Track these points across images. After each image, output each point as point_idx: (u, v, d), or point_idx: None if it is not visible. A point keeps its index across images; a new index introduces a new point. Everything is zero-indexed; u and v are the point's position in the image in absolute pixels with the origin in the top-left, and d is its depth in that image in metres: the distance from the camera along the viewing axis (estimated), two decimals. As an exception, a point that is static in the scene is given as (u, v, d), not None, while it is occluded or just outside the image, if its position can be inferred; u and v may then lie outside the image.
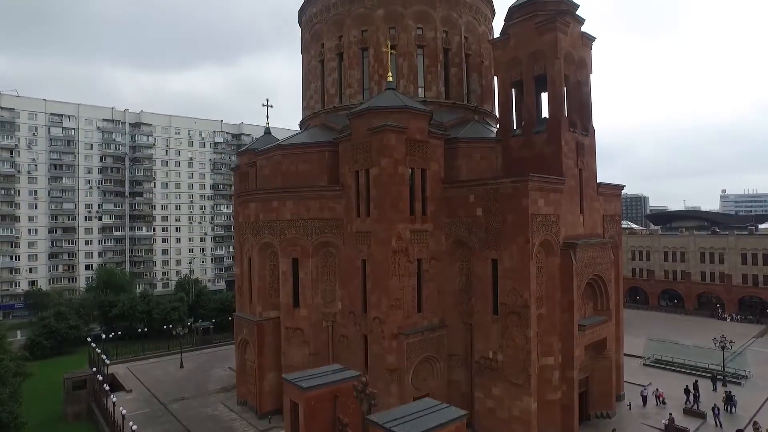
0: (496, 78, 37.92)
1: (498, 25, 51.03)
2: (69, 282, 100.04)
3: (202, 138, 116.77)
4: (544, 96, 36.60)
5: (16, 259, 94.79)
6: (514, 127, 36.87)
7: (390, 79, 36.16)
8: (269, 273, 37.94)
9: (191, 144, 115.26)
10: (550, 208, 31.48)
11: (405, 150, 32.32)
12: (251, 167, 44.99)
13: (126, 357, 56.97)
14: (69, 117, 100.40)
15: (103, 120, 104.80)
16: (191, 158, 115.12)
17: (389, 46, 37.27)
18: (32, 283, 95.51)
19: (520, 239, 30.19)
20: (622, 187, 40.88)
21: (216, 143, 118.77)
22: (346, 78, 41.42)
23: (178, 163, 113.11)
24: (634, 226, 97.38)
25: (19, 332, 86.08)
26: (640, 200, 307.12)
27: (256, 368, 37.14)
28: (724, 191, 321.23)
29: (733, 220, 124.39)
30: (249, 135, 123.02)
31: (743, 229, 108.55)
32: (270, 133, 50.78)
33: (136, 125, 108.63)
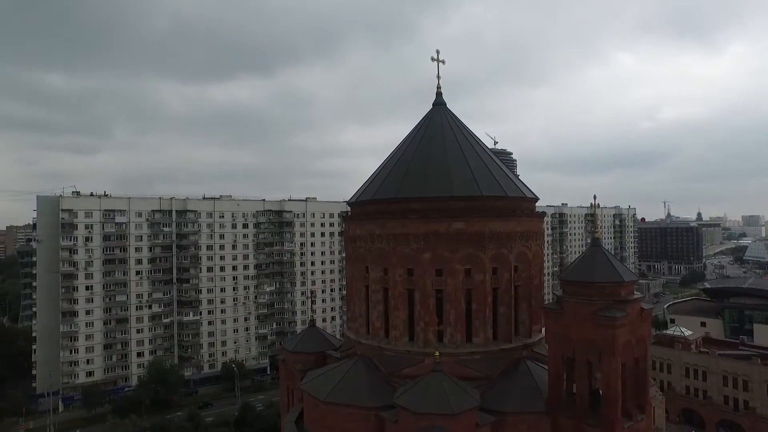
0: (548, 345, 36.50)
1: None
2: (122, 370, 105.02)
3: (245, 219, 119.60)
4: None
5: (75, 353, 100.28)
6: (564, 396, 35.49)
7: (437, 355, 35.61)
8: None
9: (234, 226, 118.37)
10: None
11: (454, 456, 31.67)
12: (299, 371, 45.76)
13: None
14: (121, 212, 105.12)
15: (152, 211, 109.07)
16: (235, 240, 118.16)
17: (438, 322, 36.64)
18: (89, 373, 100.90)
19: None
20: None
21: (259, 223, 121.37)
22: (392, 318, 41.00)
23: (222, 247, 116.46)
24: (686, 332, 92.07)
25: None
26: (692, 233, 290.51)
27: None
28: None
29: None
30: (290, 212, 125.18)
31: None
32: (314, 325, 51.32)
33: (181, 213, 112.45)
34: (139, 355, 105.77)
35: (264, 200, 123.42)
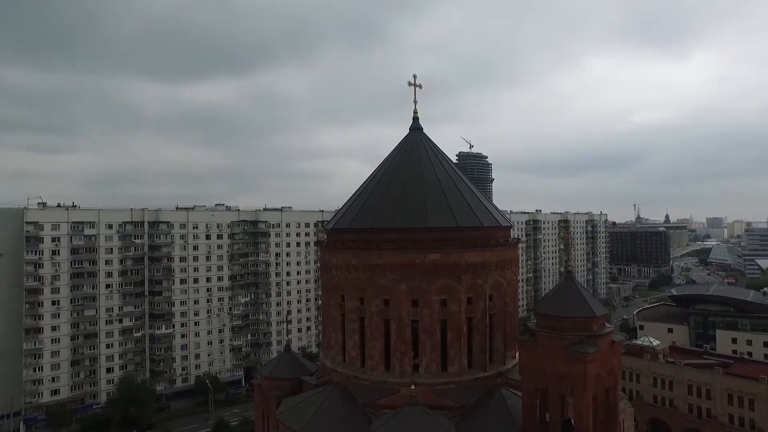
0: (522, 377, 37.06)
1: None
2: (90, 387, 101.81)
3: (220, 230, 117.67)
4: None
5: (39, 370, 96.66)
6: (537, 425, 36.10)
7: (413, 388, 35.71)
8: None
9: (209, 237, 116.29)
10: None
11: (429, 496, 31.84)
12: (274, 398, 45.20)
13: None
14: (90, 224, 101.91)
15: (123, 222, 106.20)
16: (209, 251, 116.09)
17: (414, 355, 36.77)
18: (54, 392, 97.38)
19: None
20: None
21: (233, 234, 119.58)
22: (368, 348, 40.93)
23: (196, 258, 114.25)
24: (654, 342, 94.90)
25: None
26: (660, 237, 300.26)
27: None
28: (749, 224, 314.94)
29: (763, 309, 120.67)
30: (265, 222, 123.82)
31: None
32: (290, 349, 50.78)
33: (154, 224, 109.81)
34: (108, 370, 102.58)
35: (239, 210, 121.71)
